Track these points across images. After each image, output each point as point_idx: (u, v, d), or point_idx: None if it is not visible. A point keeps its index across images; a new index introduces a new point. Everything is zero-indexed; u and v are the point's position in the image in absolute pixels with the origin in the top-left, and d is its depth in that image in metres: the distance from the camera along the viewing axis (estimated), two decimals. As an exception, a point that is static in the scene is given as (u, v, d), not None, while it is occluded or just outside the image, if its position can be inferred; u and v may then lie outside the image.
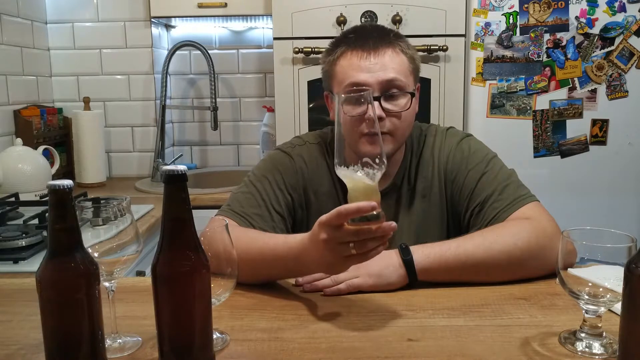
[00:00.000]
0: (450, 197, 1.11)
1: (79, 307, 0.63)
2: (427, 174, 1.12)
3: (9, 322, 0.85)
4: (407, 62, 1.06)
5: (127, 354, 0.74)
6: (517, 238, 0.94)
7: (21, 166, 1.83)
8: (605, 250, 0.72)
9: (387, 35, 1.06)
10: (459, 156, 1.11)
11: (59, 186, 0.62)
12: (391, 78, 1.02)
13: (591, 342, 0.73)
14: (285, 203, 1.11)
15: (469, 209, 1.07)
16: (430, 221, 1.12)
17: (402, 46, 1.06)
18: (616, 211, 1.89)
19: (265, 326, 0.81)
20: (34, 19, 2.19)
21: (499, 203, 1.03)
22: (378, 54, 1.03)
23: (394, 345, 0.75)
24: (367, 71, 1.02)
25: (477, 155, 1.10)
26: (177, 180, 0.64)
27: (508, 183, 1.06)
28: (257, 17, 2.26)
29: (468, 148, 1.12)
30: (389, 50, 1.04)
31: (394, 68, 1.03)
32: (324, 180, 1.14)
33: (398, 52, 1.05)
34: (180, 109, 2.44)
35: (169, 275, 0.65)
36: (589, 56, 1.84)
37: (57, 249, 0.63)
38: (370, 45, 1.03)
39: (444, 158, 1.12)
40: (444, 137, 1.14)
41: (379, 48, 1.03)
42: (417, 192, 1.13)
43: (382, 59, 1.03)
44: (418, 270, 0.92)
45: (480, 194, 1.06)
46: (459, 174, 1.10)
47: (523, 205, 1.02)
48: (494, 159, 1.11)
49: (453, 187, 1.10)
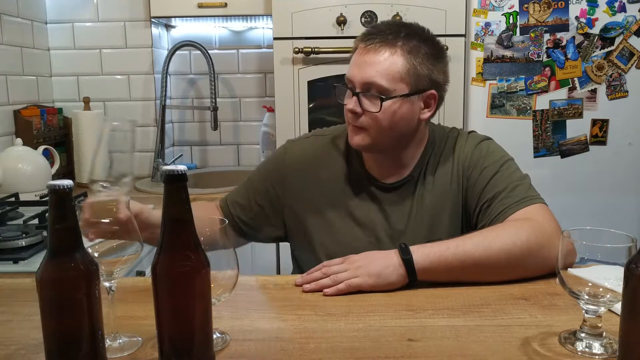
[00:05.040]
0: (465, 193, 1.13)
1: (79, 307, 0.63)
2: (447, 172, 1.14)
3: (9, 322, 0.85)
4: (402, 67, 1.03)
5: (127, 354, 0.74)
6: (516, 237, 0.95)
7: (21, 166, 1.83)
8: (605, 250, 0.72)
9: (396, 35, 1.05)
10: (477, 155, 1.12)
11: (59, 186, 0.62)
12: (369, 80, 1.03)
13: (591, 342, 0.73)
14: (267, 195, 1.20)
15: (479, 204, 1.09)
16: (445, 216, 1.12)
17: (407, 49, 1.04)
18: (616, 211, 1.89)
19: (265, 326, 0.81)
20: (34, 19, 2.19)
21: (507, 200, 1.04)
22: (377, 52, 1.04)
23: (394, 345, 0.75)
24: (357, 67, 1.05)
25: (494, 156, 1.12)
26: (177, 180, 0.64)
27: (519, 184, 1.07)
28: (257, 17, 2.26)
29: (487, 148, 1.14)
30: (387, 51, 1.04)
31: (378, 70, 1.03)
32: (325, 170, 1.18)
33: (398, 54, 1.04)
34: (180, 109, 2.44)
35: (169, 275, 0.65)
36: (589, 56, 1.84)
37: (57, 249, 0.63)
38: (374, 43, 1.04)
39: (463, 156, 1.13)
40: (465, 138, 1.16)
41: (379, 47, 1.04)
42: (434, 186, 1.14)
43: (375, 59, 1.03)
44: (418, 270, 0.93)
45: (490, 190, 1.08)
46: (474, 171, 1.11)
47: (529, 205, 1.02)
48: (510, 161, 1.13)
49: (468, 183, 1.12)
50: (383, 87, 1.03)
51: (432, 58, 1.07)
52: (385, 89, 1.03)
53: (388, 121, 1.05)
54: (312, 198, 1.16)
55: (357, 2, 1.89)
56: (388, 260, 0.94)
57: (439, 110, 1.15)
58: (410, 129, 1.10)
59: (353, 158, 1.17)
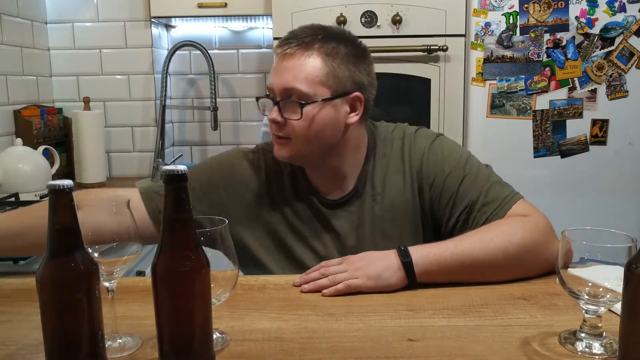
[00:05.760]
0: (429, 203, 1.07)
1: (79, 307, 0.63)
2: (397, 181, 1.08)
3: (9, 322, 0.85)
4: (321, 70, 0.99)
5: (127, 354, 0.74)
6: (512, 235, 0.95)
7: (21, 166, 1.84)
8: (605, 250, 0.72)
9: (314, 38, 1.00)
10: (433, 160, 1.07)
11: (59, 186, 0.62)
12: (288, 86, 0.99)
13: (591, 342, 0.73)
14: (210, 205, 1.09)
15: (454, 215, 1.04)
16: (402, 227, 1.07)
17: (325, 52, 0.99)
18: (616, 211, 1.89)
19: (265, 326, 0.81)
20: (34, 19, 2.19)
21: (487, 207, 1.02)
22: (294, 57, 0.99)
23: (394, 345, 0.75)
24: (277, 74, 1.01)
25: (453, 157, 1.07)
26: (177, 180, 0.64)
27: (490, 184, 1.04)
28: (257, 17, 2.26)
29: (441, 150, 1.08)
30: (304, 55, 0.99)
31: (296, 76, 0.99)
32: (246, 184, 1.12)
33: (315, 57, 0.99)
34: (180, 109, 2.44)
35: (169, 275, 0.65)
36: (589, 56, 1.84)
37: (57, 249, 0.63)
38: (290, 47, 1.00)
39: (417, 163, 1.08)
40: (412, 139, 1.10)
41: (296, 52, 0.99)
42: (385, 197, 1.08)
43: (292, 64, 0.99)
44: (417, 272, 0.92)
45: (463, 199, 1.04)
46: (437, 178, 1.06)
47: (512, 205, 1.02)
48: (470, 158, 1.08)
49: (432, 192, 1.07)
50: (303, 92, 0.98)
51: (354, 59, 1.02)
52: (305, 94, 0.98)
53: (311, 128, 1.00)
54: (258, 214, 1.11)
55: (357, 2, 1.90)
56: (387, 262, 0.93)
57: (439, 110, 1.13)
58: (338, 135, 1.04)
59: (298, 174, 1.11)
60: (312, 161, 1.07)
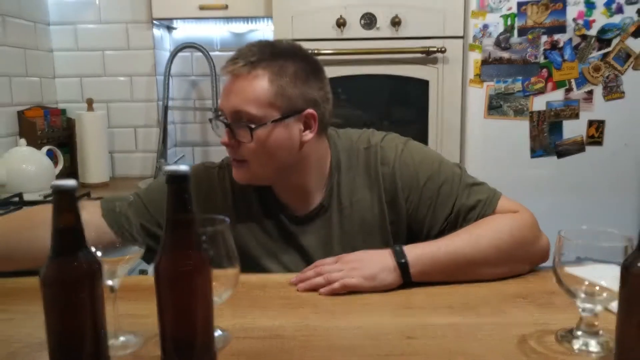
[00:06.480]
0: (405, 216, 1.05)
1: (82, 306, 0.64)
2: (365, 195, 1.05)
3: (11, 320, 0.86)
4: (268, 91, 0.95)
5: (129, 352, 0.75)
6: (501, 230, 0.97)
7: (25, 166, 1.85)
8: (602, 249, 0.72)
9: (260, 57, 0.96)
10: (406, 172, 1.04)
11: (63, 186, 0.62)
12: (237, 109, 0.96)
13: (588, 340, 0.74)
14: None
15: (435, 225, 1.03)
16: (371, 245, 1.03)
17: (273, 71, 0.96)
18: (612, 211, 1.90)
19: (266, 324, 0.82)
20: (37, 21, 2.20)
21: (473, 212, 1.02)
22: (240, 78, 0.96)
23: (393, 343, 0.76)
24: (225, 96, 0.98)
25: (425, 165, 1.05)
26: (179, 180, 0.64)
27: (470, 188, 1.04)
28: (258, 19, 2.27)
29: (412, 159, 1.05)
30: (250, 76, 0.95)
31: (244, 98, 0.95)
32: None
33: (262, 78, 0.95)
34: (182, 110, 2.46)
35: (171, 274, 0.65)
36: (586, 57, 1.85)
37: (60, 248, 0.64)
38: (236, 68, 0.96)
39: (388, 177, 1.05)
40: (378, 150, 1.06)
41: (242, 72, 0.96)
42: (353, 211, 1.06)
43: (239, 86, 0.96)
44: (413, 273, 0.93)
45: (444, 207, 1.03)
46: (412, 191, 1.04)
47: (496, 205, 1.03)
48: (442, 162, 1.06)
49: (407, 205, 1.04)
50: (251, 114, 0.95)
51: (303, 76, 0.98)
52: (254, 116, 0.95)
53: (265, 151, 0.97)
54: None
55: (357, 4, 1.91)
56: (383, 262, 0.93)
57: (437, 111, 1.13)
58: (294, 154, 1.00)
59: (265, 190, 1.07)
60: (273, 181, 1.05)
